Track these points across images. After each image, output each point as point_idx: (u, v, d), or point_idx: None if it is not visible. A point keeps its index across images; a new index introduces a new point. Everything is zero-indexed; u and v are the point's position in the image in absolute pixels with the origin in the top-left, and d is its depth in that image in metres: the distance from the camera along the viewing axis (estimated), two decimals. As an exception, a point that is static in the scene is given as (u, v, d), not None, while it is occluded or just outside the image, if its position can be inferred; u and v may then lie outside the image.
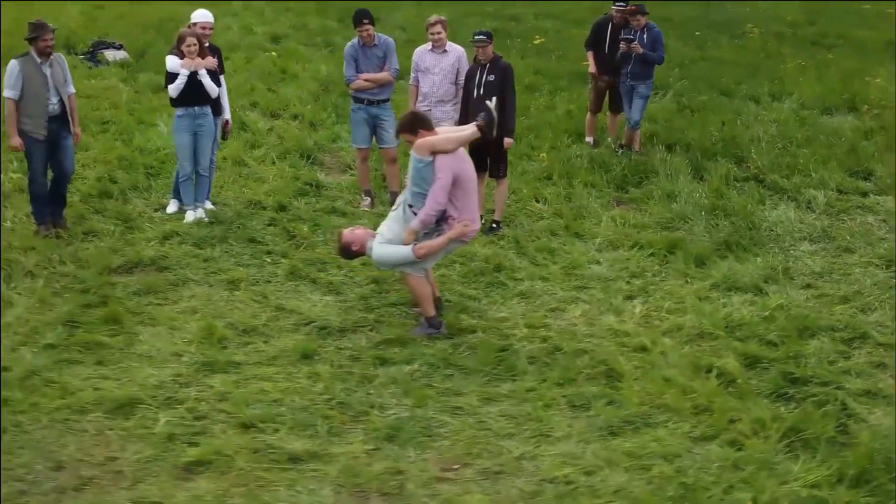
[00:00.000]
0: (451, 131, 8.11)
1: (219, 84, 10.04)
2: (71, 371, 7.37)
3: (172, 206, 10.36)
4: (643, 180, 11.79)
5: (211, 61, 9.91)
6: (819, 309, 8.70)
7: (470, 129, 7.96)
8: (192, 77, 9.76)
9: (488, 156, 10.12)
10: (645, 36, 12.32)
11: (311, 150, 12.24)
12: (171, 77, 9.79)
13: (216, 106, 10.13)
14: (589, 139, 13.06)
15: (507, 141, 10.12)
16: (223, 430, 6.72)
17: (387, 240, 8.07)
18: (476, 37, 10.16)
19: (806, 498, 6.11)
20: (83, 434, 6.63)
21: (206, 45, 9.99)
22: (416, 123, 7.87)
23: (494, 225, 10.31)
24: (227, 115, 10.40)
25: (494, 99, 8.77)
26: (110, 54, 15.79)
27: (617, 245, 10.05)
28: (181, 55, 9.79)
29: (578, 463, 6.46)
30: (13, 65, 9.26)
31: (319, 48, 17.40)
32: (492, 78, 10.08)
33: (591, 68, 12.95)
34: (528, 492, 6.18)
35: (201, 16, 10.17)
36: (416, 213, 7.90)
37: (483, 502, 6.03)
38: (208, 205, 10.32)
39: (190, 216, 10.06)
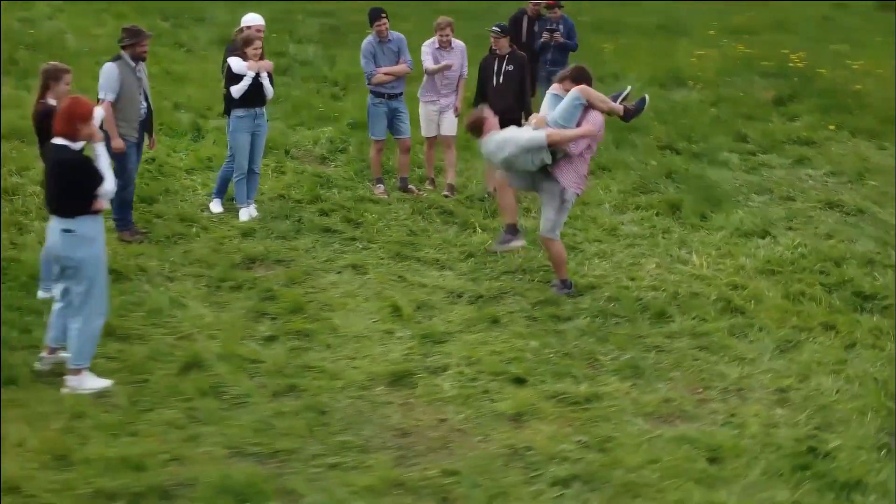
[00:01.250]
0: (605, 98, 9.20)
1: (273, 85, 10.44)
2: (311, 356, 7.82)
3: (217, 206, 10.60)
4: (586, 154, 13.32)
5: (270, 64, 10.29)
6: (821, 244, 10.70)
7: (618, 106, 9.14)
8: (255, 79, 10.11)
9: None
10: (561, 26, 13.84)
11: (286, 146, 12.68)
12: (236, 78, 10.07)
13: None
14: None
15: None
16: (501, 386, 7.56)
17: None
18: (493, 30, 11.29)
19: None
20: (390, 405, 7.24)
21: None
22: (585, 78, 9.07)
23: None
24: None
25: (630, 87, 9.77)
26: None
27: (622, 208, 11.57)
28: (243, 57, 10.10)
29: (786, 375, 7.95)
30: (112, 67, 9.22)
31: (174, 48, 17.39)
32: (511, 68, 11.25)
33: (511, 57, 14.25)
34: (776, 400, 7.60)
35: (255, 19, 10.49)
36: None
37: (761, 412, 7.37)
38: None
39: (245, 214, 10.39)
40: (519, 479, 6.42)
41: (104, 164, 6.93)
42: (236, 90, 10.09)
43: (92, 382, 7.08)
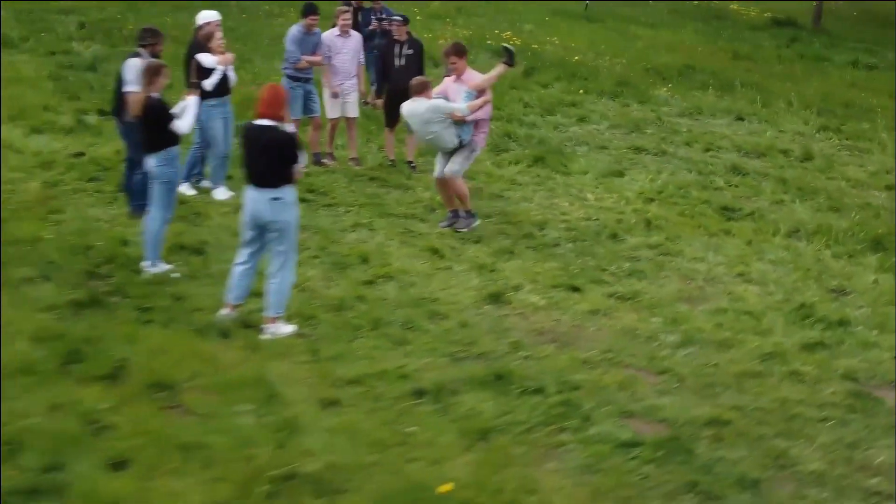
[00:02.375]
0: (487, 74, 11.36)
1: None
2: (414, 291, 9.40)
3: (188, 189, 11.58)
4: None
5: (233, 56, 11.45)
6: (663, 178, 13.71)
7: (500, 68, 11.35)
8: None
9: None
10: (385, 15, 15.84)
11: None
12: (207, 72, 11.15)
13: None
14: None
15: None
16: (568, 295, 9.64)
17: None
18: (394, 18, 13.16)
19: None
20: (508, 317, 9.11)
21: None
22: (464, 51, 11.26)
23: (412, 164, 13.40)
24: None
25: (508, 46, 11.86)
26: None
27: (500, 164, 13.88)
28: (209, 52, 11.21)
29: (733, 265, 10.76)
30: (138, 62, 9.96)
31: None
32: (410, 52, 13.15)
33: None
34: (744, 280, 10.37)
35: (212, 15, 11.46)
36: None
37: (747, 289, 10.08)
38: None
39: (222, 193, 11.47)
40: (650, 348, 8.65)
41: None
42: (210, 83, 11.13)
43: (285, 328, 8.30)
